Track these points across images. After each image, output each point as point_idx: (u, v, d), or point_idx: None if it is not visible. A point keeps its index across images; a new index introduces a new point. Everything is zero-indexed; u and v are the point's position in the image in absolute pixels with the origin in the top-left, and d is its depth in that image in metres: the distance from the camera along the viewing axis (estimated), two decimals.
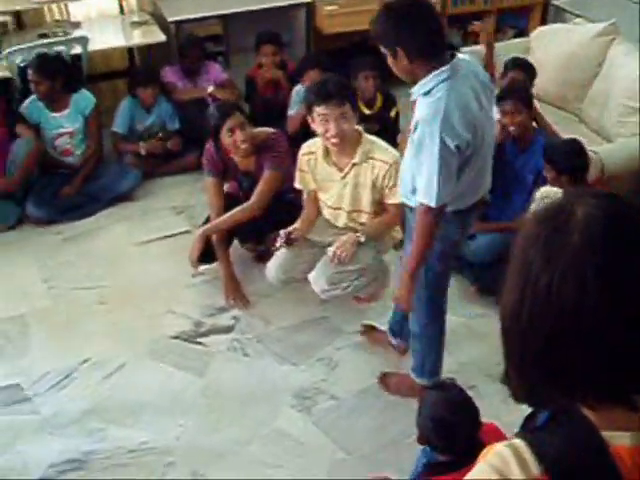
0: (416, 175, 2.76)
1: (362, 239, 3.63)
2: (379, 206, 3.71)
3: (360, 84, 4.77)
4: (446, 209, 2.79)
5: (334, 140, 3.52)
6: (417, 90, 2.71)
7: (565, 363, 1.00)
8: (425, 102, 2.67)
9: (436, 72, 2.64)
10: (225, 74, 5.55)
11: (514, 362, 1.07)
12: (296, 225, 3.81)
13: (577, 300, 0.97)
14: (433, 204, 2.69)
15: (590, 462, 1.00)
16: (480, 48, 5.27)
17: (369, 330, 3.81)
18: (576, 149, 3.70)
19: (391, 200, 3.63)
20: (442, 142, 2.59)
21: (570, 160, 3.64)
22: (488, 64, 4.59)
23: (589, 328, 0.97)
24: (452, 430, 2.40)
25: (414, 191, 2.81)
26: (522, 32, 6.16)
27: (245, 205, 3.97)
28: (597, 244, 0.98)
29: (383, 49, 2.71)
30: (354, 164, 3.64)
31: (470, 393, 2.55)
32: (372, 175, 3.62)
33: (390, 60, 2.71)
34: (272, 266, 3.89)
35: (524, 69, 4.50)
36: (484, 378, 3.45)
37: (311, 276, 3.77)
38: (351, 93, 3.60)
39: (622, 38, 4.87)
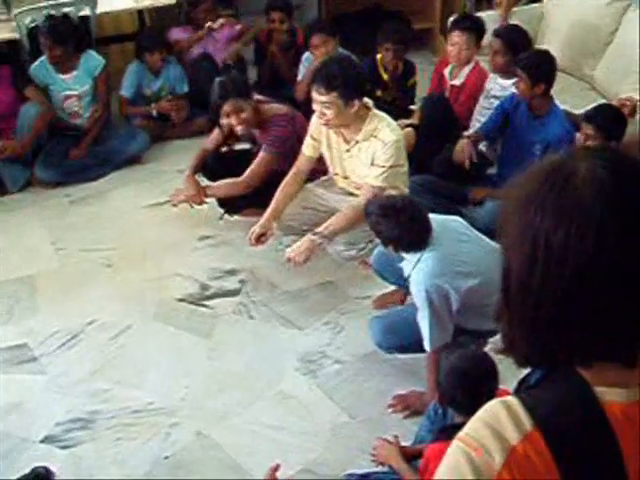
0: None
1: (318, 242, 3.63)
2: None
3: (382, 53, 4.75)
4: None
5: (320, 122, 3.64)
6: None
7: (581, 322, 0.99)
8: None
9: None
10: (239, 24, 5.53)
11: (523, 328, 1.05)
12: (262, 221, 3.82)
13: (596, 255, 0.95)
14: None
15: (582, 416, 1.00)
16: (494, 13, 5.24)
17: (380, 299, 3.80)
18: (621, 114, 3.68)
19: (368, 178, 3.66)
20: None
21: (621, 125, 3.60)
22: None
23: (607, 283, 0.96)
24: (476, 384, 2.39)
25: None
26: None
27: (236, 180, 4.03)
28: (609, 196, 0.96)
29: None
30: (357, 141, 3.67)
31: None
32: (371, 152, 3.64)
33: None
34: None
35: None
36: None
37: None
38: (346, 82, 3.51)
39: (637, 4, 4.79)
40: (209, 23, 5.30)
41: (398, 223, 2.93)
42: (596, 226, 0.95)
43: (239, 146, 4.41)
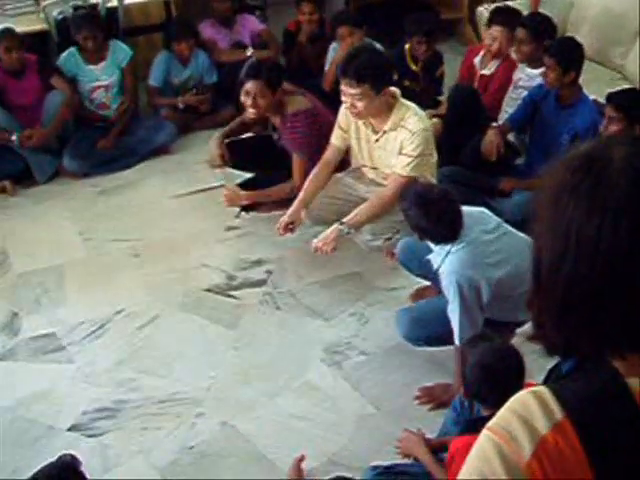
0: None
1: (345, 231, 3.62)
2: None
3: (412, 45, 4.72)
4: None
5: (350, 113, 3.63)
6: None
7: (612, 312, 0.97)
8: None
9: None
10: (263, 25, 5.53)
11: (552, 315, 1.04)
12: (290, 210, 3.84)
13: (629, 246, 0.94)
14: None
15: (613, 407, 0.98)
16: (524, 2, 5.19)
17: (416, 293, 3.77)
18: None
19: (395, 168, 3.63)
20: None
21: None
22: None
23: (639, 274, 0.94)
24: (502, 378, 2.37)
25: None
26: None
27: (283, 186, 4.08)
28: None
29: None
30: (385, 131, 3.65)
31: None
32: (399, 141, 3.62)
33: None
34: None
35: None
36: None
37: None
38: (376, 72, 3.52)
39: None
40: (250, 51, 5.26)
41: (428, 214, 2.91)
42: (630, 216, 0.94)
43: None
